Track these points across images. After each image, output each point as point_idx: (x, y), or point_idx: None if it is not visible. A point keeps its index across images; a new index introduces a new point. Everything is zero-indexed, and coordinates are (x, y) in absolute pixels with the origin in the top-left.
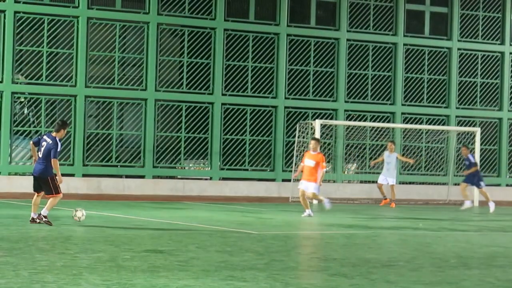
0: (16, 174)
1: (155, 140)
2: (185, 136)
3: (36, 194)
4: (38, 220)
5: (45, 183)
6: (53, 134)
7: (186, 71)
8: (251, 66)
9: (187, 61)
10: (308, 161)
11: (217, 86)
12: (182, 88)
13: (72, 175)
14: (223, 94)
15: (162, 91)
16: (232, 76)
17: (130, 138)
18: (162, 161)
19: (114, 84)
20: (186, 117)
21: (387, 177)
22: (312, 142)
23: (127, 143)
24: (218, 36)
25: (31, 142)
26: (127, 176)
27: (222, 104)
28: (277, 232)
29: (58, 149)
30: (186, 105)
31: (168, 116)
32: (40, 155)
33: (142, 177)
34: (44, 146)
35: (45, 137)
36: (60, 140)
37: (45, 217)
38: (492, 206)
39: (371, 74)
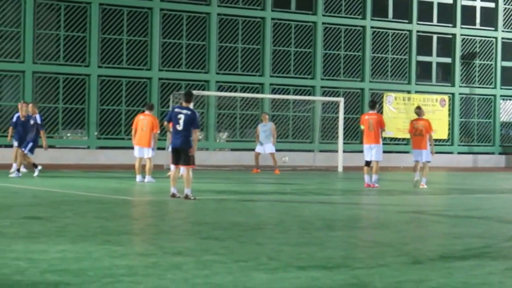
0: None
1: None
2: (62, 107)
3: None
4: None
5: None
6: (184, 104)
7: (63, 44)
8: (126, 39)
9: (63, 35)
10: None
11: (93, 58)
12: (59, 61)
13: None
14: (99, 67)
15: (39, 64)
16: (107, 49)
17: (9, 109)
18: None
19: None
20: (64, 88)
21: (265, 145)
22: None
23: (6, 114)
24: (93, 10)
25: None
26: (6, 146)
27: (98, 76)
28: (152, 198)
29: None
30: (63, 77)
31: (46, 88)
32: (180, 128)
33: None
34: (182, 118)
35: (177, 109)
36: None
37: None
38: None
39: (241, 47)
